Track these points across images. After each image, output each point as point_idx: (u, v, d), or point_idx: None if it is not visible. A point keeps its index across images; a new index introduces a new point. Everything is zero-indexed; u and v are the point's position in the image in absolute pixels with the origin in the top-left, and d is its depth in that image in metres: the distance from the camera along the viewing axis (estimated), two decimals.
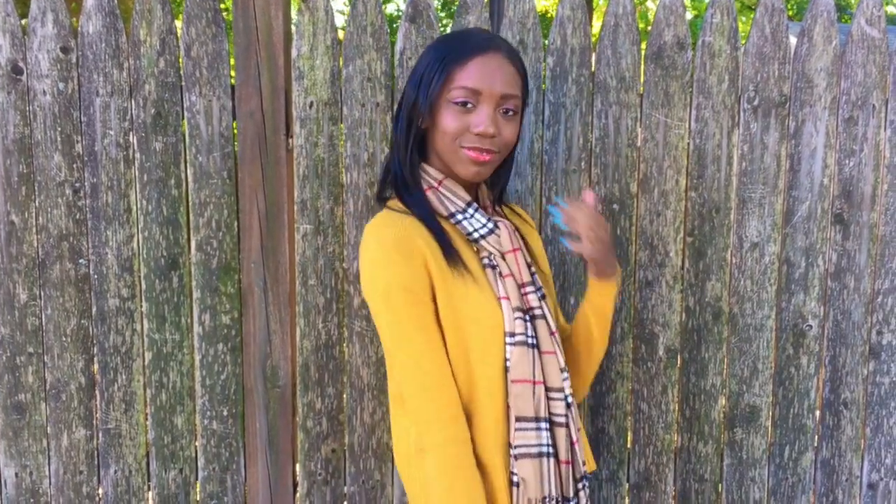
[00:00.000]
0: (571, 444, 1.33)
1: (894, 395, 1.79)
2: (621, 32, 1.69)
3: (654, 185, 1.73)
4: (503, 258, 1.34)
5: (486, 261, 1.33)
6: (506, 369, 1.28)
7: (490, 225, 1.34)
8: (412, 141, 1.34)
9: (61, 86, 1.69)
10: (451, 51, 1.29)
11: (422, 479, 1.28)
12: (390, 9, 14.64)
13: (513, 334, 1.28)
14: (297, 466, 1.80)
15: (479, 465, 1.27)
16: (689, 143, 1.73)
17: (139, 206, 1.71)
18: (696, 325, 1.77)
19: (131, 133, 1.70)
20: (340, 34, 1.74)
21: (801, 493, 1.82)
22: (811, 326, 1.77)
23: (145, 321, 1.75)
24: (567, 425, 1.32)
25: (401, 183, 1.36)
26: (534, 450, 1.27)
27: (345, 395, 1.78)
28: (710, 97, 1.70)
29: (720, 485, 1.83)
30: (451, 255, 1.29)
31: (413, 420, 1.27)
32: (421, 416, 1.25)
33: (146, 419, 1.79)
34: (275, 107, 1.69)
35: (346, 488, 1.80)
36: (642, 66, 1.71)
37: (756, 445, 1.81)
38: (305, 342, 1.75)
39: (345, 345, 1.76)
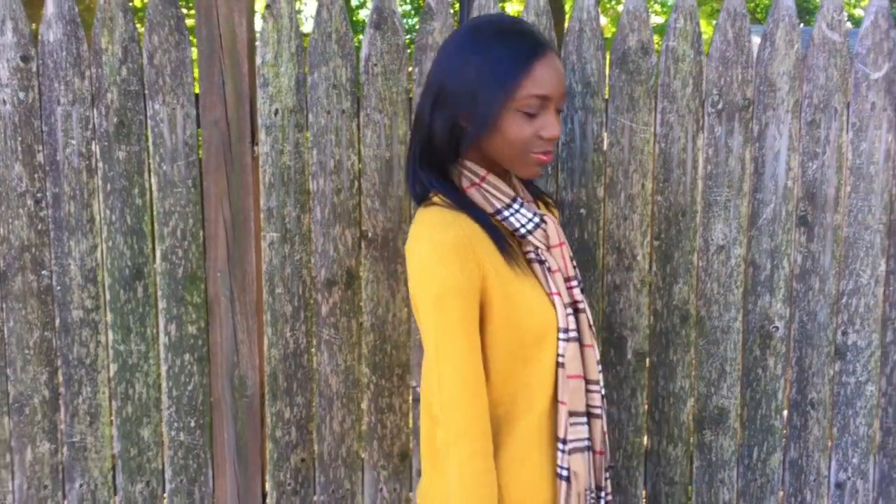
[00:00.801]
0: (603, 434, 1.38)
1: (860, 394, 1.82)
2: (586, 38, 1.71)
3: (621, 189, 1.75)
4: (549, 252, 1.35)
5: (532, 255, 1.34)
6: (557, 365, 1.30)
7: (536, 219, 1.33)
8: (466, 146, 1.31)
9: (21, 95, 1.68)
10: (508, 55, 1.25)
11: (443, 486, 1.30)
12: (363, 14, 14.63)
13: (566, 330, 1.30)
14: (266, 477, 1.79)
15: (514, 459, 1.30)
16: (654, 148, 1.74)
17: (102, 215, 1.71)
18: (664, 328, 1.79)
19: (94, 142, 1.69)
20: (307, 41, 1.74)
21: (770, 493, 1.85)
22: (777, 328, 1.80)
23: (110, 332, 1.74)
24: (601, 416, 1.35)
25: (442, 180, 1.34)
26: (583, 444, 1.31)
27: (314, 404, 1.77)
28: (674, 101, 1.72)
29: (690, 487, 1.85)
30: (508, 253, 1.29)
31: (444, 426, 1.26)
32: (452, 425, 1.24)
33: (112, 431, 1.77)
34: (240, 115, 1.69)
35: (315, 498, 1.80)
36: (607, 71, 1.73)
37: (725, 447, 1.83)
38: (273, 351, 1.75)
39: (313, 353, 1.76)
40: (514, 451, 1.31)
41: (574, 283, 1.36)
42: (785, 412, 1.86)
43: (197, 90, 1.70)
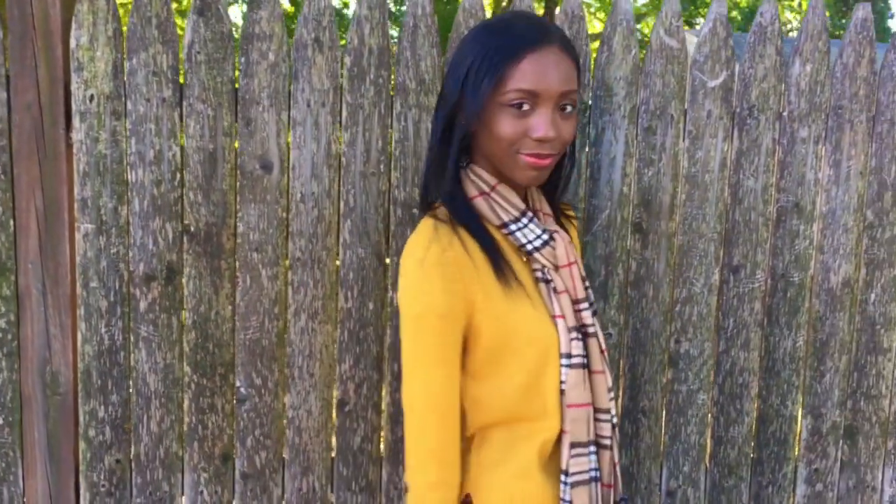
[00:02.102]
0: (613, 466, 1.33)
1: (692, 403, 1.84)
2: (420, 34, 1.68)
3: None
4: (557, 272, 1.30)
5: (538, 274, 1.29)
6: (561, 392, 1.26)
7: (545, 237, 1.29)
8: (456, 144, 1.27)
9: None
10: (501, 45, 1.20)
11: None
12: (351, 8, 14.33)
13: (569, 356, 1.25)
14: (80, 478, 1.73)
15: (514, 491, 1.26)
16: None
17: None
18: None
19: None
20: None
21: None
22: (611, 335, 1.80)
23: None
24: (611, 447, 1.31)
25: (445, 188, 1.30)
26: (586, 475, 1.27)
27: (130, 403, 1.72)
28: None
29: None
30: (502, 271, 1.25)
31: (409, 451, 1.24)
32: (419, 451, 1.24)
33: None
34: (53, 99, 1.64)
35: (132, 500, 1.75)
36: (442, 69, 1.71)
37: None
38: (87, 347, 1.70)
39: (130, 350, 1.70)
40: (514, 481, 1.27)
41: (584, 305, 1.31)
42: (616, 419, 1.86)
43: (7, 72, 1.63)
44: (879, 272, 1.87)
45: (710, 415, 1.90)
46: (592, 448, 1.29)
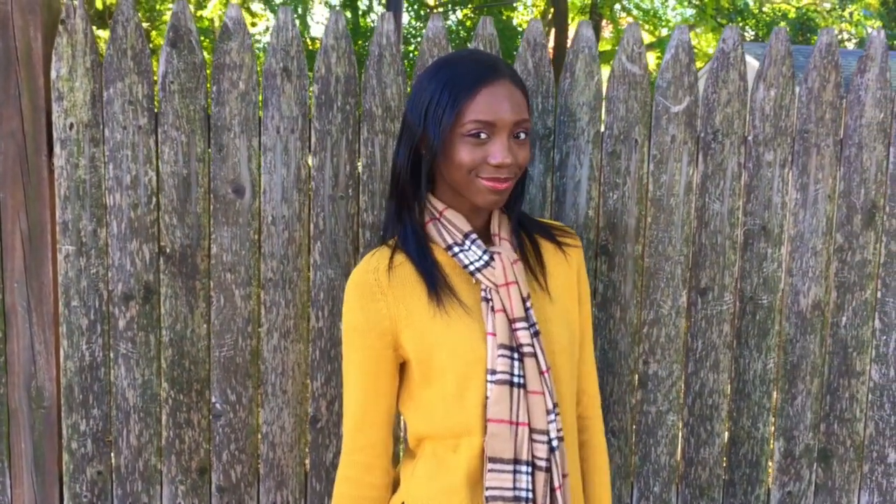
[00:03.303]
0: (552, 489, 1.34)
1: (661, 423, 1.86)
2: (385, 63, 1.74)
3: None
4: (498, 291, 1.36)
5: (483, 293, 1.36)
6: (485, 407, 1.31)
7: (486, 258, 1.36)
8: (425, 176, 1.37)
9: None
10: (458, 81, 1.30)
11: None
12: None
13: (494, 372, 1.31)
14: (64, 488, 1.82)
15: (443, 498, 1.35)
16: None
17: None
18: None
19: None
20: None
21: None
22: None
23: None
24: (548, 469, 1.33)
25: (399, 217, 1.41)
26: (508, 493, 1.30)
27: (111, 417, 1.80)
28: None
29: None
30: (434, 290, 1.35)
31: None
32: (343, 447, 1.44)
33: None
34: (36, 128, 1.72)
35: None
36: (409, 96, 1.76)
37: None
38: (69, 363, 1.79)
39: (110, 366, 1.79)
40: (440, 497, 1.35)
41: (521, 324, 1.34)
42: None
43: None
44: (850, 295, 1.87)
45: (680, 436, 1.91)
46: (524, 468, 1.32)
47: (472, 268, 1.36)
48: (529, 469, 1.33)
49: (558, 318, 1.45)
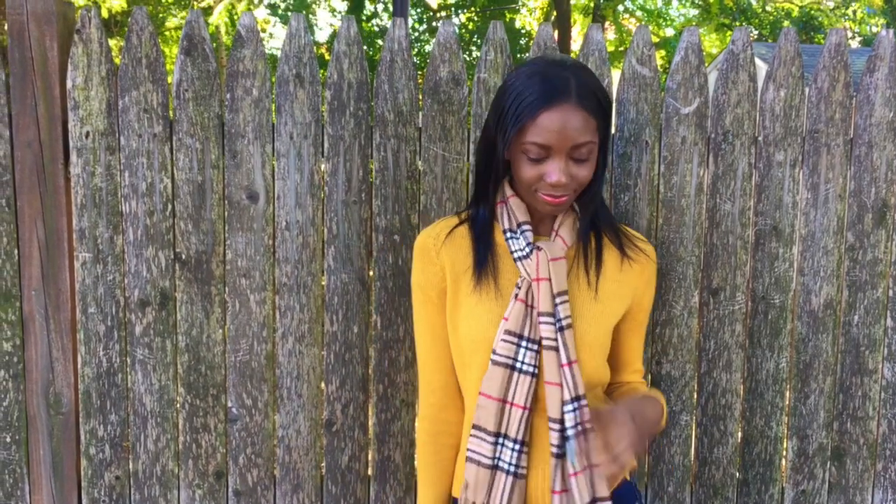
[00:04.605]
0: (563, 476, 1.42)
1: (674, 423, 1.88)
2: (397, 68, 1.75)
3: (434, 216, 1.80)
4: (530, 284, 1.43)
5: (518, 281, 1.44)
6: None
7: (527, 249, 1.44)
8: (499, 167, 1.44)
9: None
10: (524, 100, 1.36)
11: None
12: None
13: (495, 352, 1.41)
14: (82, 494, 1.84)
15: (459, 472, 1.52)
16: (468, 177, 1.79)
17: None
18: None
19: None
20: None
21: None
22: None
23: None
24: (560, 456, 1.41)
25: (476, 197, 1.53)
26: (486, 460, 1.42)
27: (128, 423, 1.82)
28: None
29: None
30: (479, 266, 1.46)
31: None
32: (419, 396, 1.56)
33: None
34: (52, 136, 1.74)
35: None
36: (420, 101, 1.77)
37: None
38: (87, 370, 1.80)
39: (127, 372, 1.80)
40: (460, 464, 1.52)
41: (547, 319, 1.41)
42: None
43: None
44: (862, 294, 1.88)
45: (693, 436, 1.92)
46: (510, 444, 1.42)
47: (515, 255, 1.45)
48: (517, 446, 1.42)
49: (596, 317, 1.49)
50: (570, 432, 1.40)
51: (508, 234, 1.46)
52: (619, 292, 1.53)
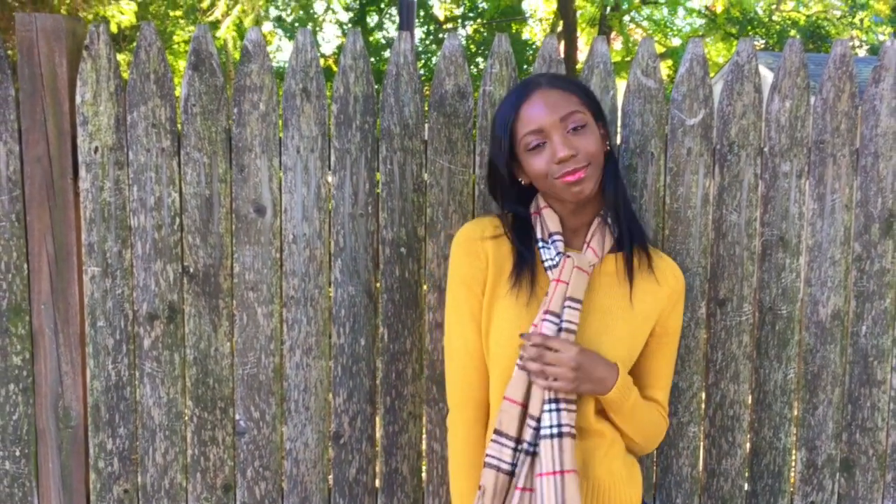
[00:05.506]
0: (536, 474, 1.45)
1: (682, 435, 1.88)
2: (403, 81, 1.77)
3: (441, 229, 1.81)
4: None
5: (549, 290, 1.47)
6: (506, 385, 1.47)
7: (557, 259, 1.49)
8: (500, 187, 1.56)
9: None
10: (505, 110, 1.48)
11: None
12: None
13: (522, 357, 1.44)
14: None
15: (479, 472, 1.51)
16: (474, 189, 1.80)
17: None
18: None
19: None
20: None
21: None
22: None
23: None
24: (532, 454, 1.44)
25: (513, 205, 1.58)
26: (505, 466, 1.43)
27: (137, 436, 1.83)
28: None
29: None
30: (517, 271, 1.50)
31: (447, 394, 1.57)
32: (449, 396, 1.56)
33: None
34: (61, 151, 1.76)
35: None
36: (426, 114, 1.79)
37: None
38: (95, 383, 1.81)
39: (136, 385, 1.81)
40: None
41: (551, 318, 1.44)
42: None
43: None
44: (870, 304, 1.88)
45: (701, 447, 1.92)
46: (524, 447, 1.42)
47: (546, 264, 1.50)
48: (529, 448, 1.43)
49: (624, 335, 1.52)
50: (543, 431, 1.42)
51: (541, 244, 1.51)
52: (645, 311, 1.55)
